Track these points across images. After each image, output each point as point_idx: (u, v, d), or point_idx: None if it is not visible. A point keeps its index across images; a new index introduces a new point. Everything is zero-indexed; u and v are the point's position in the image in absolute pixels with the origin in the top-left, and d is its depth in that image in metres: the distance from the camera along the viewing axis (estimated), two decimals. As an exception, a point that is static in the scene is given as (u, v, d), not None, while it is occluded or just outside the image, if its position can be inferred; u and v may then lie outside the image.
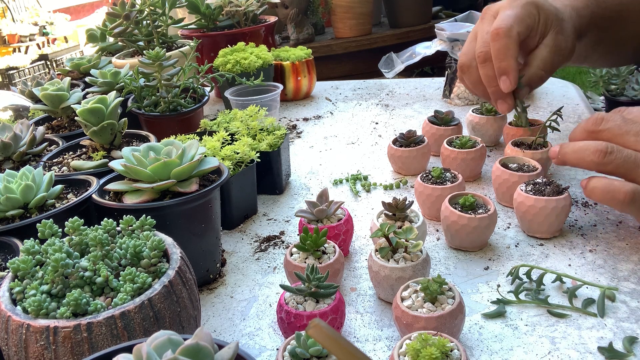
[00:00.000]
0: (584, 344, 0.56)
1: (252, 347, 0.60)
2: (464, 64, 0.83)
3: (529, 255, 0.71)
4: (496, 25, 0.76)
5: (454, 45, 1.24)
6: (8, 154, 0.82)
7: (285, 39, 2.39)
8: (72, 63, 1.25)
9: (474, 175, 0.90)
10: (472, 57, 0.81)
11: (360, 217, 0.84)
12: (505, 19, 0.76)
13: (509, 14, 0.77)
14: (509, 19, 0.76)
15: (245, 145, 0.81)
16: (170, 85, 1.02)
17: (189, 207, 0.65)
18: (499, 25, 0.76)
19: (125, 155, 0.67)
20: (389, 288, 0.62)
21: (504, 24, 0.76)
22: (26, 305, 0.46)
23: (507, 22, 0.76)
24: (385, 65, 1.44)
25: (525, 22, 0.77)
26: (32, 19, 5.57)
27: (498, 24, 0.76)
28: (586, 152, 0.65)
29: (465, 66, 0.83)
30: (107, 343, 0.45)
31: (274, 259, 0.75)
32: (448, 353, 0.48)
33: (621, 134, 0.65)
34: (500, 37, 0.75)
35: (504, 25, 0.75)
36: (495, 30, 0.76)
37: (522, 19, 0.77)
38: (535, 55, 0.80)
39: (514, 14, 0.77)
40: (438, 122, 0.99)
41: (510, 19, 0.76)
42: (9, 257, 0.60)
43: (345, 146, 1.11)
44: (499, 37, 0.76)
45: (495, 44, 0.76)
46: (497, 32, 0.76)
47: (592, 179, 0.66)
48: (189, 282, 0.52)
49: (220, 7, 1.39)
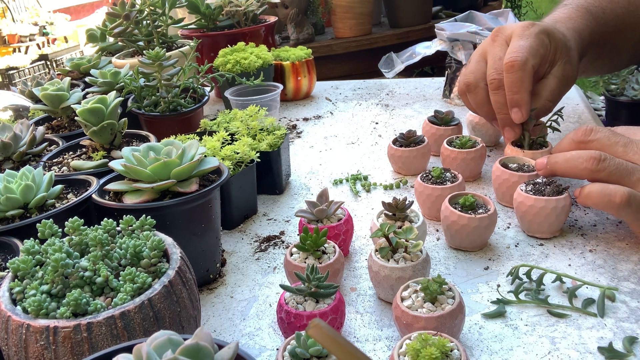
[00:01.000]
0: (584, 344, 0.56)
1: (252, 347, 0.60)
2: (471, 83, 0.83)
3: (529, 255, 0.71)
4: (512, 58, 0.76)
5: (454, 45, 1.24)
6: (8, 154, 0.82)
7: (285, 39, 2.39)
8: (72, 63, 1.25)
9: (474, 175, 0.90)
10: (480, 78, 0.81)
11: (360, 217, 0.84)
12: (521, 50, 0.77)
13: (523, 44, 0.77)
14: (524, 51, 0.76)
15: (245, 145, 0.81)
16: (170, 85, 1.02)
17: (189, 207, 0.65)
18: (514, 58, 0.76)
19: (125, 155, 0.67)
20: (389, 288, 0.62)
21: (520, 56, 0.76)
22: (26, 305, 0.46)
23: (523, 55, 0.76)
24: (385, 65, 1.44)
25: (539, 53, 0.78)
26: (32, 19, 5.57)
27: (513, 57, 0.76)
28: (579, 160, 0.67)
29: (472, 86, 0.83)
30: (107, 343, 0.45)
31: (274, 259, 0.75)
32: (448, 353, 0.48)
33: (610, 144, 0.68)
34: (515, 69, 0.76)
35: (520, 59, 0.76)
36: (510, 62, 0.76)
37: (536, 51, 0.77)
38: (545, 85, 0.81)
39: (528, 45, 0.77)
40: (438, 122, 0.99)
41: (525, 50, 0.76)
42: (9, 257, 0.60)
43: (345, 146, 1.11)
44: (513, 69, 0.76)
45: (510, 76, 0.77)
46: (512, 65, 0.76)
47: (586, 186, 0.67)
48: (189, 282, 0.52)
49: (220, 7, 1.39)
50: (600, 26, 0.89)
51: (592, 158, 0.66)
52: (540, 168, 0.73)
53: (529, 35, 0.79)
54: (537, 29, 0.80)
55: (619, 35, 0.92)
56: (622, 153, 0.67)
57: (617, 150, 0.68)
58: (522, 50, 0.77)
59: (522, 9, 3.96)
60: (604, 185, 0.65)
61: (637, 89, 1.86)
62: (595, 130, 0.69)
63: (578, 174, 0.69)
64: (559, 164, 0.70)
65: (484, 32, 1.22)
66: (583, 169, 0.67)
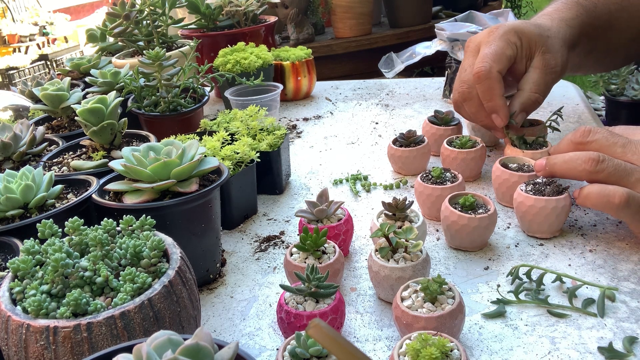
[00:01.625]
0: (584, 344, 0.56)
1: (252, 347, 0.60)
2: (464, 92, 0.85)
3: (529, 255, 0.71)
4: (476, 69, 0.79)
5: (454, 45, 1.24)
6: (8, 154, 0.82)
7: (285, 39, 2.38)
8: (72, 63, 1.25)
9: (474, 175, 0.90)
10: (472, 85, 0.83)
11: (360, 217, 0.84)
12: (484, 59, 0.79)
13: (487, 52, 0.80)
14: (487, 59, 0.79)
15: (245, 145, 0.81)
16: (170, 85, 1.02)
17: (189, 207, 0.65)
18: (478, 69, 0.79)
19: (125, 155, 0.67)
20: (389, 288, 0.62)
21: (483, 66, 0.79)
22: (26, 305, 0.46)
23: (486, 63, 0.79)
24: (385, 65, 1.44)
25: (504, 55, 0.80)
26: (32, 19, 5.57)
27: (477, 67, 0.79)
28: (577, 162, 0.67)
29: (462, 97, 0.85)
30: (107, 343, 0.45)
31: (274, 259, 0.75)
32: (448, 353, 0.48)
33: (609, 145, 0.68)
34: (482, 79, 0.79)
35: (484, 68, 0.79)
36: (476, 73, 0.79)
37: (500, 55, 0.79)
38: (526, 79, 0.82)
39: (492, 51, 0.80)
40: (438, 122, 0.99)
41: (489, 58, 0.79)
42: (9, 257, 0.60)
43: (345, 146, 1.11)
44: (480, 79, 0.79)
45: (479, 87, 0.80)
46: (478, 76, 0.79)
47: (585, 187, 0.67)
48: (189, 282, 0.52)
49: (220, 7, 1.39)
50: (592, 19, 0.89)
51: (591, 159, 0.66)
52: (539, 169, 0.73)
53: (492, 40, 0.81)
54: (501, 31, 0.82)
55: (611, 30, 0.92)
56: (620, 154, 0.67)
57: (615, 151, 0.68)
58: (486, 59, 0.79)
59: (522, 9, 3.96)
60: (602, 186, 0.66)
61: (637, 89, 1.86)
62: (593, 131, 0.70)
63: (577, 175, 0.69)
64: (558, 165, 0.70)
65: (484, 32, 1.22)
66: (582, 170, 0.67)
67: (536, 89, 0.81)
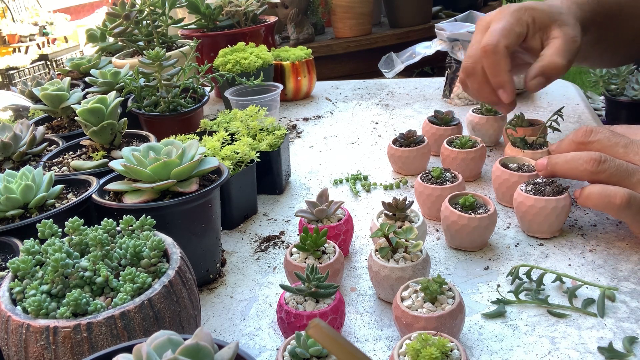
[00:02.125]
0: (584, 344, 0.56)
1: (252, 347, 0.60)
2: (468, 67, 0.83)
3: (529, 255, 0.71)
4: (484, 43, 0.78)
5: (454, 45, 1.24)
6: (8, 154, 0.82)
7: (285, 39, 2.38)
8: (72, 63, 1.25)
9: (474, 175, 0.90)
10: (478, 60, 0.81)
11: (360, 217, 0.84)
12: (492, 34, 0.78)
13: (495, 28, 0.78)
14: (495, 34, 0.77)
15: (245, 145, 0.81)
16: (170, 85, 1.02)
17: (189, 207, 0.65)
18: (485, 43, 0.77)
19: (125, 155, 0.67)
20: (389, 288, 0.62)
21: (491, 40, 0.77)
22: (26, 305, 0.46)
23: (493, 38, 0.77)
24: (385, 65, 1.43)
25: (513, 31, 0.78)
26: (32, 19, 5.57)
27: (484, 42, 0.78)
28: (579, 162, 0.67)
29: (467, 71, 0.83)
30: (107, 343, 0.45)
31: (274, 259, 0.75)
32: (448, 353, 0.48)
33: (610, 145, 0.68)
34: (488, 54, 0.77)
35: (491, 42, 0.77)
36: (483, 47, 0.77)
37: (509, 31, 0.77)
38: (547, 47, 0.78)
39: (500, 27, 0.78)
40: (438, 122, 0.99)
41: (497, 33, 0.77)
42: (9, 257, 0.60)
43: (345, 146, 1.11)
44: (487, 54, 0.77)
45: (486, 61, 0.78)
46: (485, 50, 0.77)
47: (586, 187, 0.67)
48: (189, 282, 0.52)
49: (220, 7, 1.39)
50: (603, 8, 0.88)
51: (592, 159, 0.66)
52: (541, 169, 0.73)
53: (503, 16, 0.79)
54: (512, 8, 0.80)
55: (620, 23, 0.91)
56: (622, 154, 0.67)
57: (617, 152, 0.68)
58: (494, 34, 0.77)
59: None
60: (604, 186, 0.65)
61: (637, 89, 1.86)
62: (595, 131, 0.69)
63: (578, 175, 0.69)
64: (559, 165, 0.70)
65: (484, 32, 1.22)
66: (583, 170, 0.67)
67: (558, 53, 0.76)
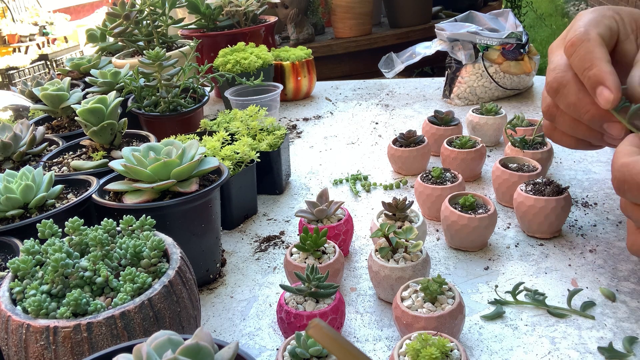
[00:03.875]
0: (584, 344, 0.56)
1: (252, 347, 0.60)
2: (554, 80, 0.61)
3: (529, 255, 0.71)
4: (569, 38, 0.61)
5: (454, 45, 1.24)
6: (8, 154, 0.82)
7: (285, 39, 2.39)
8: (72, 63, 1.25)
9: (474, 175, 0.90)
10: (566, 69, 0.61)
11: (360, 217, 0.84)
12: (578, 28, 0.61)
13: (579, 23, 0.62)
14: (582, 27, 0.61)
15: (245, 145, 0.81)
16: (170, 85, 1.02)
17: (189, 207, 0.65)
18: (572, 37, 0.60)
19: (125, 155, 0.67)
20: (389, 288, 0.62)
21: (578, 32, 0.60)
22: (26, 305, 0.46)
23: (580, 29, 0.60)
24: (385, 65, 1.43)
25: (602, 23, 0.61)
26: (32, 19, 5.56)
27: (571, 36, 0.61)
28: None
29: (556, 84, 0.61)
30: (107, 343, 0.45)
31: (274, 259, 0.75)
32: (448, 353, 0.48)
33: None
34: (576, 45, 0.59)
35: (579, 33, 0.60)
36: (569, 42, 0.60)
37: (597, 22, 0.61)
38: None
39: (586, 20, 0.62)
40: (438, 122, 0.99)
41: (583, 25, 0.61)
42: (9, 257, 0.60)
43: (345, 146, 1.11)
44: (574, 46, 0.59)
45: (575, 54, 0.59)
46: (572, 43, 0.59)
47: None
48: (189, 282, 0.52)
49: (220, 7, 1.39)
50: None
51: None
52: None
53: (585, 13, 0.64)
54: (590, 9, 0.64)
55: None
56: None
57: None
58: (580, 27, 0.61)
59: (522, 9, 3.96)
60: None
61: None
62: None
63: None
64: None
65: (484, 32, 1.22)
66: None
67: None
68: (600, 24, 0.60)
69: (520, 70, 1.21)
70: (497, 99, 1.25)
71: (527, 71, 1.21)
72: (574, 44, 0.59)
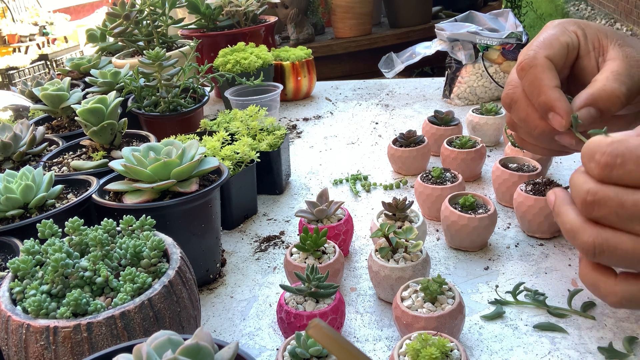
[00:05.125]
0: (584, 344, 0.56)
1: (252, 347, 0.60)
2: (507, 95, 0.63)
3: (529, 255, 0.71)
4: (519, 60, 0.61)
5: (454, 45, 1.24)
6: (8, 154, 0.82)
7: (285, 39, 2.39)
8: (72, 63, 1.25)
9: (474, 175, 0.90)
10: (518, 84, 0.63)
11: (360, 217, 0.84)
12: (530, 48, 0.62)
13: (535, 43, 0.62)
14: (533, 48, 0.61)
15: (245, 145, 0.81)
16: (170, 85, 1.02)
17: (189, 207, 0.65)
18: (521, 59, 0.61)
19: (125, 155, 0.67)
20: (389, 288, 0.62)
21: (528, 54, 0.60)
22: (26, 305, 0.46)
23: (531, 51, 0.61)
24: (385, 65, 1.43)
25: (557, 41, 0.61)
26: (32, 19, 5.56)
27: (521, 59, 0.61)
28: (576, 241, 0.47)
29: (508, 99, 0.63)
30: (107, 343, 0.45)
31: (274, 259, 0.75)
32: (448, 353, 0.48)
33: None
34: (525, 70, 0.60)
35: (528, 56, 0.60)
36: (519, 66, 0.60)
37: (551, 41, 0.61)
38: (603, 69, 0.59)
39: (541, 39, 0.62)
40: (438, 122, 0.99)
41: (535, 46, 0.61)
42: (9, 257, 0.60)
43: (345, 146, 1.11)
44: (523, 71, 0.60)
45: (524, 81, 0.60)
46: (522, 67, 0.60)
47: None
48: (189, 282, 0.52)
49: (220, 7, 1.39)
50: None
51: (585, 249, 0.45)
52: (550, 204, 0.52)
53: (546, 29, 0.63)
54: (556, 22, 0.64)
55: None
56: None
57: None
58: (531, 48, 0.61)
59: (522, 9, 3.96)
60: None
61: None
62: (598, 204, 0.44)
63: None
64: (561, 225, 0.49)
65: (484, 32, 1.22)
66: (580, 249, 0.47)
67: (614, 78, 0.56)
68: (555, 43, 0.61)
69: (520, 70, 1.21)
70: (497, 99, 1.25)
71: (527, 71, 1.21)
72: (523, 69, 0.60)
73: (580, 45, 0.62)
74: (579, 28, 0.63)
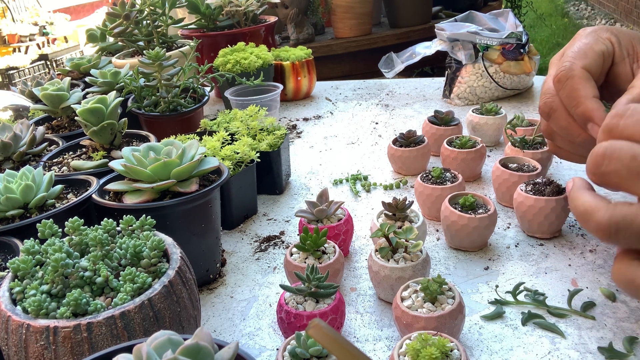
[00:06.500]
0: (584, 344, 0.56)
1: (252, 347, 0.60)
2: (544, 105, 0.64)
3: (529, 255, 0.71)
4: (556, 73, 0.62)
5: (454, 45, 1.24)
6: (8, 154, 0.82)
7: (285, 39, 2.39)
8: (72, 63, 1.25)
9: (474, 175, 0.90)
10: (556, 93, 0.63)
11: (360, 217, 0.84)
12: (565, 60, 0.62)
13: (568, 53, 0.63)
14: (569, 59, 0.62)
15: (245, 145, 0.81)
16: (170, 85, 1.02)
17: (189, 207, 0.65)
18: (557, 72, 0.62)
19: (125, 155, 0.67)
20: (389, 288, 0.62)
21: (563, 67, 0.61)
22: (26, 305, 0.46)
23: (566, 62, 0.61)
24: (385, 65, 1.43)
25: (592, 50, 0.62)
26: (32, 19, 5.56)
27: (557, 71, 0.62)
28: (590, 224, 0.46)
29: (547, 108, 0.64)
30: (107, 343, 0.45)
31: (274, 259, 0.75)
32: (448, 353, 0.48)
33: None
34: (562, 82, 0.61)
35: (564, 69, 0.61)
36: (556, 78, 0.61)
37: (585, 51, 0.62)
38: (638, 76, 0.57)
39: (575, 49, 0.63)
40: (438, 122, 0.99)
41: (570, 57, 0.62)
42: (9, 257, 0.60)
43: (345, 146, 1.11)
44: (560, 83, 0.61)
45: (561, 92, 0.61)
46: (558, 79, 0.61)
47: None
48: (189, 282, 0.52)
49: (220, 7, 1.39)
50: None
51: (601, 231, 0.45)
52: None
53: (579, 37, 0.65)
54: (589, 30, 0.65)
55: None
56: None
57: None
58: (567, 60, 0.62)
59: (522, 9, 3.96)
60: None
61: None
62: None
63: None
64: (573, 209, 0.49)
65: (484, 32, 1.22)
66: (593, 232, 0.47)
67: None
68: (590, 53, 0.62)
69: (520, 70, 1.21)
70: (497, 99, 1.25)
71: (527, 71, 1.21)
72: (560, 80, 0.61)
73: (615, 52, 0.62)
74: (612, 35, 0.63)
